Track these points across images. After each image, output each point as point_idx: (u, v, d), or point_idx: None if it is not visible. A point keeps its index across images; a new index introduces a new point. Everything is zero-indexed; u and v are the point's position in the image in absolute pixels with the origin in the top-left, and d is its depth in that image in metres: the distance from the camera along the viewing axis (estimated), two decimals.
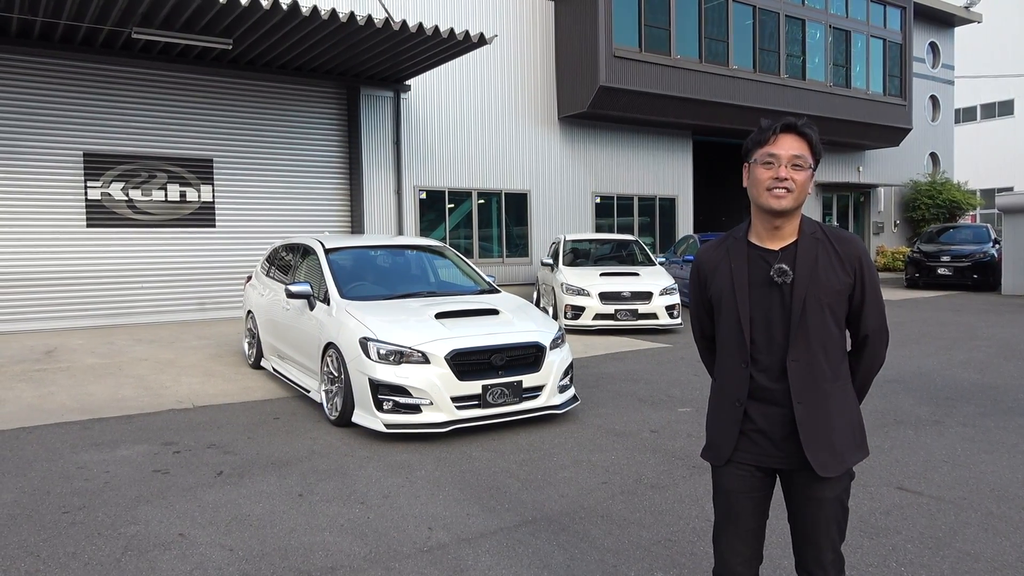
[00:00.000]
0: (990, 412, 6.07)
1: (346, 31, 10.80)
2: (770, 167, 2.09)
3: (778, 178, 2.06)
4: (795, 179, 2.07)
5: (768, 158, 2.09)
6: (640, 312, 10.84)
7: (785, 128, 2.09)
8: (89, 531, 3.79)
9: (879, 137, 21.89)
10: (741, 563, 2.21)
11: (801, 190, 2.08)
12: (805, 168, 2.08)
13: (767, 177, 2.08)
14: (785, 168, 2.07)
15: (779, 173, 2.07)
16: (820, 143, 2.13)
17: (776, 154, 2.08)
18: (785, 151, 2.07)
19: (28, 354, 9.07)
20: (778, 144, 2.08)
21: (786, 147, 2.08)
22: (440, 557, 3.48)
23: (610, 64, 15.38)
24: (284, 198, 13.28)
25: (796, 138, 2.09)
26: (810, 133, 2.10)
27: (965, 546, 3.53)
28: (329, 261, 6.75)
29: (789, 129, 2.09)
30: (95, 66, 11.50)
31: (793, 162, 2.07)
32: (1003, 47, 37.34)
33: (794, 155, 2.07)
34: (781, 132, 2.09)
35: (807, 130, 2.10)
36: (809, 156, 2.09)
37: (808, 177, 2.09)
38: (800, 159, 2.08)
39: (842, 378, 2.13)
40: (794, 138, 2.09)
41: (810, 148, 2.10)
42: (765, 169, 2.09)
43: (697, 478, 4.53)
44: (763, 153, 2.10)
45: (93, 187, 11.58)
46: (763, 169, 2.10)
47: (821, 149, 2.13)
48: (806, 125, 2.10)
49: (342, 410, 5.68)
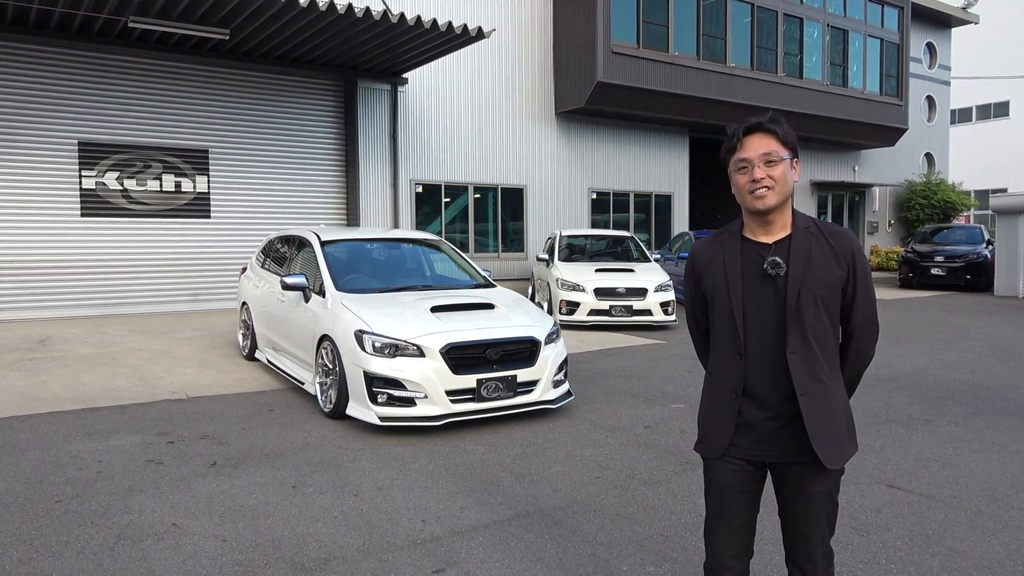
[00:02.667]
0: (981, 412, 6.11)
1: (344, 23, 10.78)
2: (745, 171, 2.12)
3: (754, 180, 2.09)
4: (772, 175, 2.09)
5: (741, 164, 2.13)
6: (635, 308, 10.85)
7: (748, 130, 2.13)
8: (82, 520, 3.79)
9: (875, 137, 21.94)
10: (732, 556, 2.23)
11: (782, 183, 2.10)
12: (779, 162, 2.10)
13: (745, 181, 2.12)
14: (759, 168, 2.09)
15: (754, 175, 2.10)
16: (790, 132, 2.14)
17: (746, 158, 2.11)
18: (754, 152, 2.10)
19: (21, 343, 9.04)
20: (746, 147, 2.12)
21: (754, 148, 2.11)
22: (433, 549, 3.49)
23: (608, 60, 15.38)
24: (280, 190, 13.25)
25: (762, 136, 2.12)
26: (774, 127, 2.12)
27: (954, 544, 3.55)
28: (325, 253, 6.74)
29: (752, 130, 2.13)
30: (91, 55, 11.45)
31: (765, 160, 2.10)
32: (1000, 49, 37.43)
33: (763, 153, 2.10)
34: (744, 135, 2.13)
35: (770, 126, 2.12)
36: (780, 149, 2.11)
37: (784, 169, 2.11)
38: (771, 155, 2.10)
39: (835, 370, 2.16)
40: (760, 136, 2.12)
41: (780, 141, 2.12)
42: (741, 175, 2.13)
43: (689, 474, 4.56)
44: (735, 160, 2.14)
45: (88, 176, 11.53)
46: (740, 175, 2.14)
47: (793, 137, 2.15)
48: (769, 121, 2.13)
49: (336, 402, 5.68)
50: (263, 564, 3.32)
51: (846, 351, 2.23)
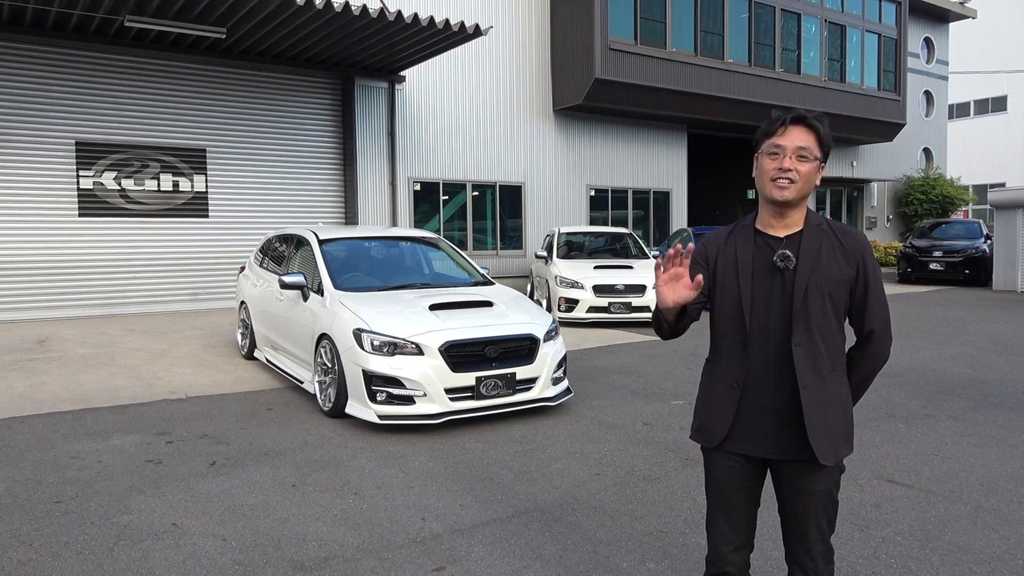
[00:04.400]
0: (980, 406, 6.11)
1: (341, 21, 10.75)
2: (775, 158, 2.11)
3: (782, 168, 2.09)
4: (799, 170, 2.09)
5: (774, 149, 2.11)
6: (634, 305, 10.85)
7: (795, 120, 2.11)
8: (82, 520, 3.79)
9: (873, 132, 21.94)
10: (732, 550, 2.23)
11: (805, 181, 2.10)
12: (810, 160, 2.10)
13: (772, 168, 2.11)
14: (789, 159, 2.09)
15: (783, 164, 2.09)
16: (830, 137, 2.14)
17: (782, 145, 2.10)
18: (791, 142, 2.09)
19: (20, 344, 9.03)
20: (785, 136, 2.11)
21: (792, 139, 2.10)
22: (433, 547, 3.49)
23: (605, 57, 15.36)
24: (278, 188, 13.24)
25: (804, 130, 2.11)
26: (819, 126, 2.12)
27: (954, 539, 3.56)
28: (323, 252, 6.73)
29: (798, 121, 2.11)
30: (87, 54, 11.42)
31: (798, 153, 2.09)
32: (997, 43, 37.42)
33: (799, 147, 2.09)
34: (790, 124, 2.11)
35: (816, 123, 2.11)
36: (816, 149, 2.11)
37: (813, 169, 2.11)
38: (805, 151, 2.09)
39: (838, 369, 2.15)
40: (802, 130, 2.11)
41: (818, 141, 2.11)
42: (770, 160, 2.12)
43: (689, 470, 4.56)
44: (770, 144, 2.12)
45: (85, 176, 11.51)
46: (768, 160, 2.12)
47: (831, 143, 2.15)
48: (816, 118, 2.12)
49: (335, 401, 5.68)
50: (263, 563, 3.32)
51: (861, 353, 2.20)
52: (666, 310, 2.10)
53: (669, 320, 2.16)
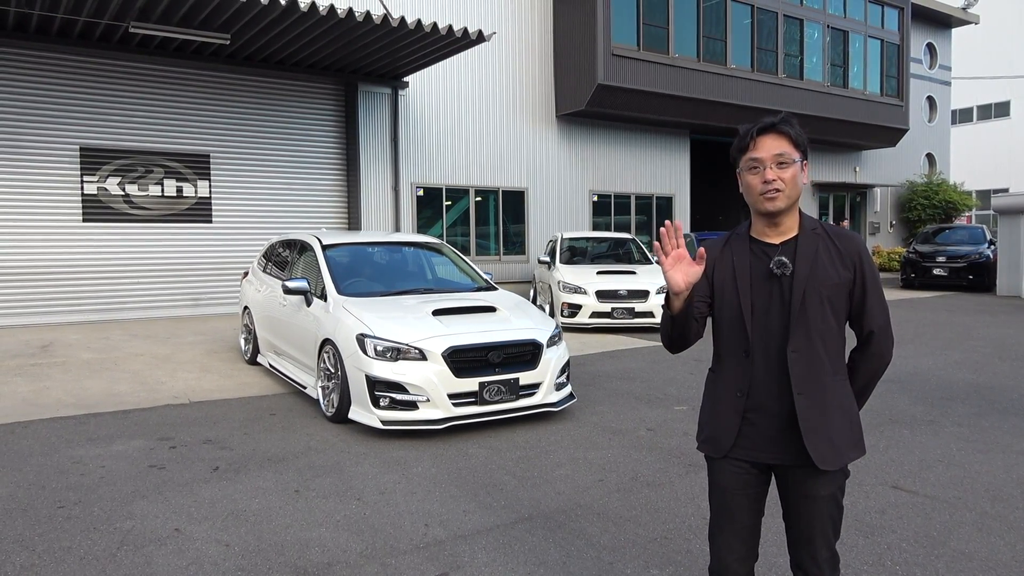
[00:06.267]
0: (985, 412, 6.09)
1: (344, 27, 10.79)
2: (756, 172, 2.12)
3: (766, 181, 2.09)
4: (783, 178, 2.09)
5: (752, 163, 2.12)
6: (637, 310, 10.84)
7: (762, 130, 2.12)
8: (85, 526, 3.78)
9: (876, 137, 21.93)
10: (737, 560, 2.21)
11: (792, 186, 2.10)
12: (790, 164, 2.10)
13: (756, 183, 2.11)
14: (771, 170, 2.09)
15: (766, 176, 2.09)
16: (802, 134, 2.14)
17: (759, 158, 2.10)
18: (767, 152, 2.10)
19: (23, 348, 9.05)
20: (758, 147, 2.11)
21: (767, 148, 2.10)
22: (436, 553, 3.48)
23: (608, 62, 15.39)
24: (281, 194, 13.26)
25: (775, 137, 2.11)
26: (788, 129, 2.12)
27: (960, 545, 3.54)
28: (326, 257, 6.74)
29: (766, 130, 2.12)
30: (92, 60, 11.47)
31: (777, 161, 2.09)
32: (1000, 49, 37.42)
33: (776, 154, 2.09)
34: (759, 135, 2.12)
35: (784, 127, 2.12)
36: (792, 151, 2.11)
37: (795, 172, 2.11)
38: (783, 156, 2.09)
39: (840, 373, 2.14)
40: (773, 137, 2.11)
41: (792, 143, 2.11)
42: (752, 175, 2.13)
43: (693, 476, 4.54)
44: (747, 159, 2.13)
45: (89, 181, 11.55)
46: (750, 175, 2.13)
47: (804, 140, 2.15)
48: (783, 122, 2.12)
49: (339, 406, 5.67)
50: (266, 569, 3.32)
51: (862, 355, 2.20)
52: (677, 298, 2.09)
53: (676, 309, 2.12)
